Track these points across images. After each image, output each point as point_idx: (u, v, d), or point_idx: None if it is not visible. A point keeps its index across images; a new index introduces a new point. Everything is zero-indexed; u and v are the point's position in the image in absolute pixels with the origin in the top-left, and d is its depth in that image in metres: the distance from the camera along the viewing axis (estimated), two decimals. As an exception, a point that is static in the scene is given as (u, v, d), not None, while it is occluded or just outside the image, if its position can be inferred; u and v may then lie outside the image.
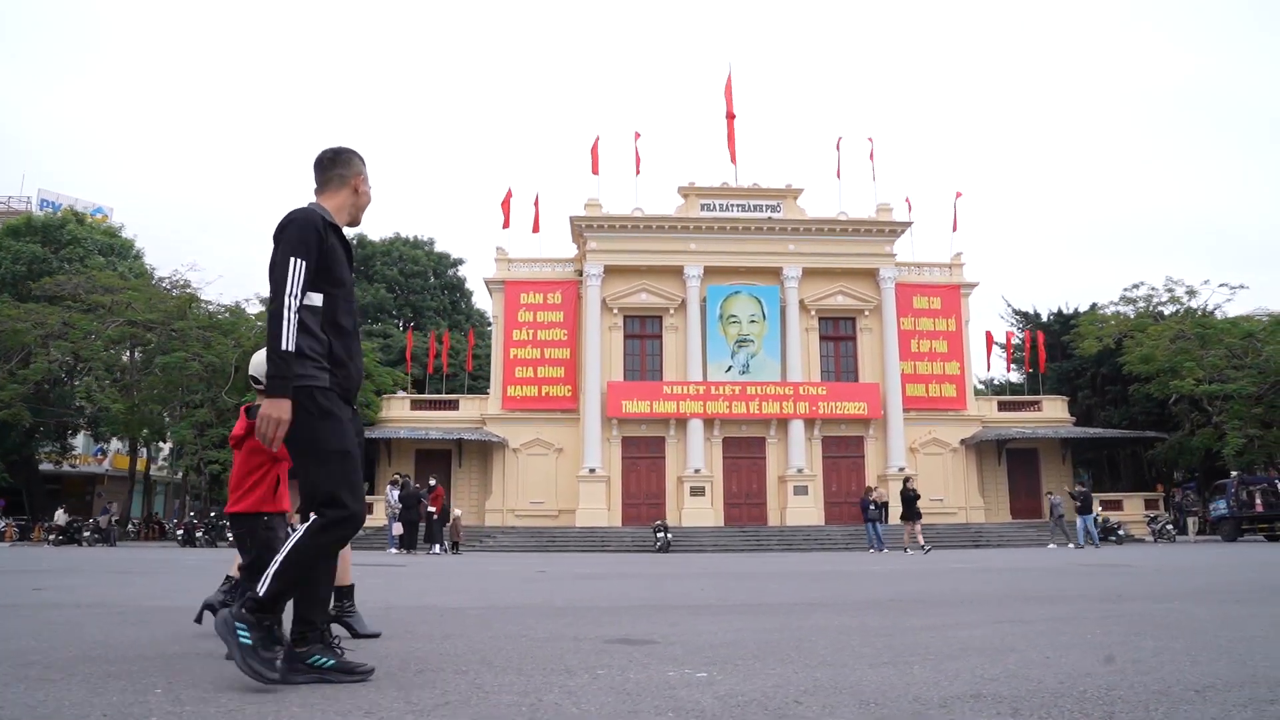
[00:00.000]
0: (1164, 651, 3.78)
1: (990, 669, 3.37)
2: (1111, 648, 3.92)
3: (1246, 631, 4.43)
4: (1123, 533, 30.11)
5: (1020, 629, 4.65)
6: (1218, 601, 6.21)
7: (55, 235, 39.55)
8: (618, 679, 3.18)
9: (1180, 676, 3.18)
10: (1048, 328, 45.25)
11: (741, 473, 35.71)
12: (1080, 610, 5.66)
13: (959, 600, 6.65)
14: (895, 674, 3.27)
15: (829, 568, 13.11)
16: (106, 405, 29.98)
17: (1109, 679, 3.15)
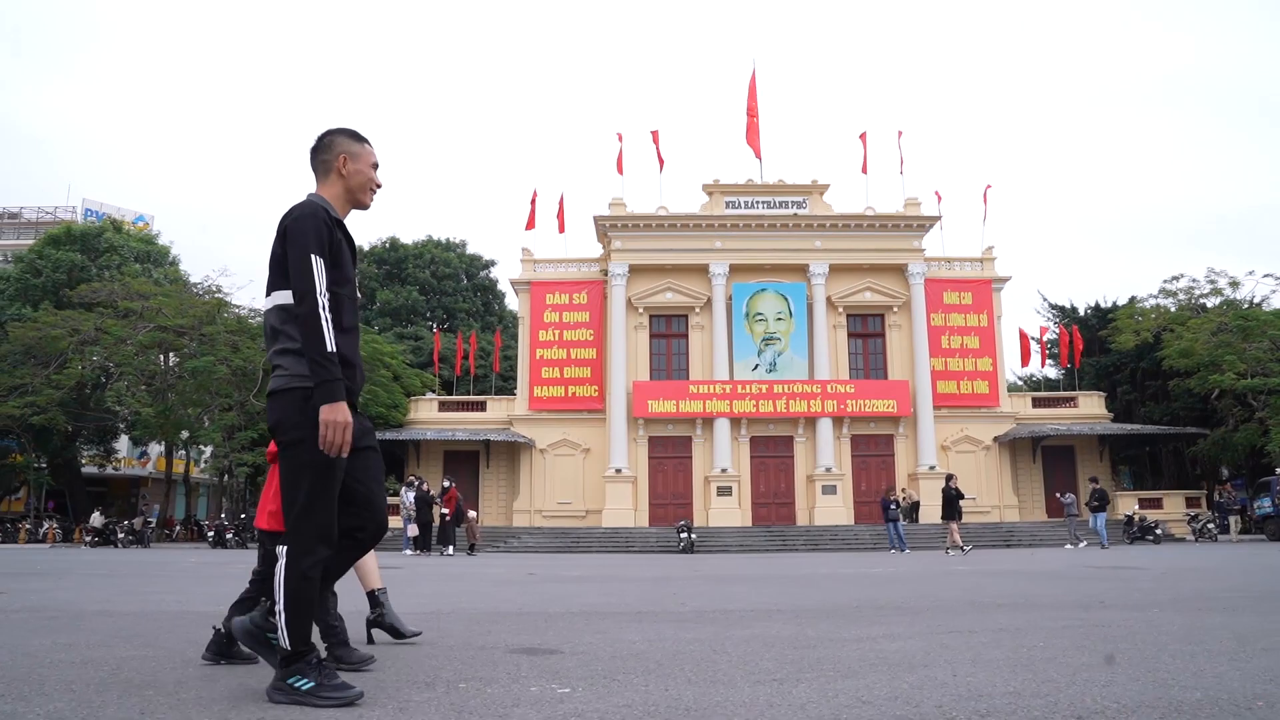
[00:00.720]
0: (1089, 669, 3.56)
1: (880, 688, 3.18)
2: (1038, 663, 3.70)
3: (1204, 645, 4.15)
4: (1160, 532, 29.23)
5: (956, 640, 4.42)
6: (1198, 610, 5.89)
7: (93, 243, 40.40)
8: (474, 693, 3.05)
9: (1079, 699, 2.97)
10: (1085, 322, 44.21)
11: (769, 472, 35.36)
12: (1041, 620, 5.39)
13: (921, 608, 6.40)
14: (770, 693, 3.08)
15: (834, 570, 12.85)
16: (137, 409, 30.51)
17: (1000, 701, 2.94)
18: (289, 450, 2.93)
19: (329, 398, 2.83)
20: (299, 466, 2.91)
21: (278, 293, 3.02)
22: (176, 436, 34.43)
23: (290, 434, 2.91)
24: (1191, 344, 33.90)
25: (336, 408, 2.83)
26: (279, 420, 2.94)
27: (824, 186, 36.82)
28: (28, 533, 36.08)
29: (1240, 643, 4.16)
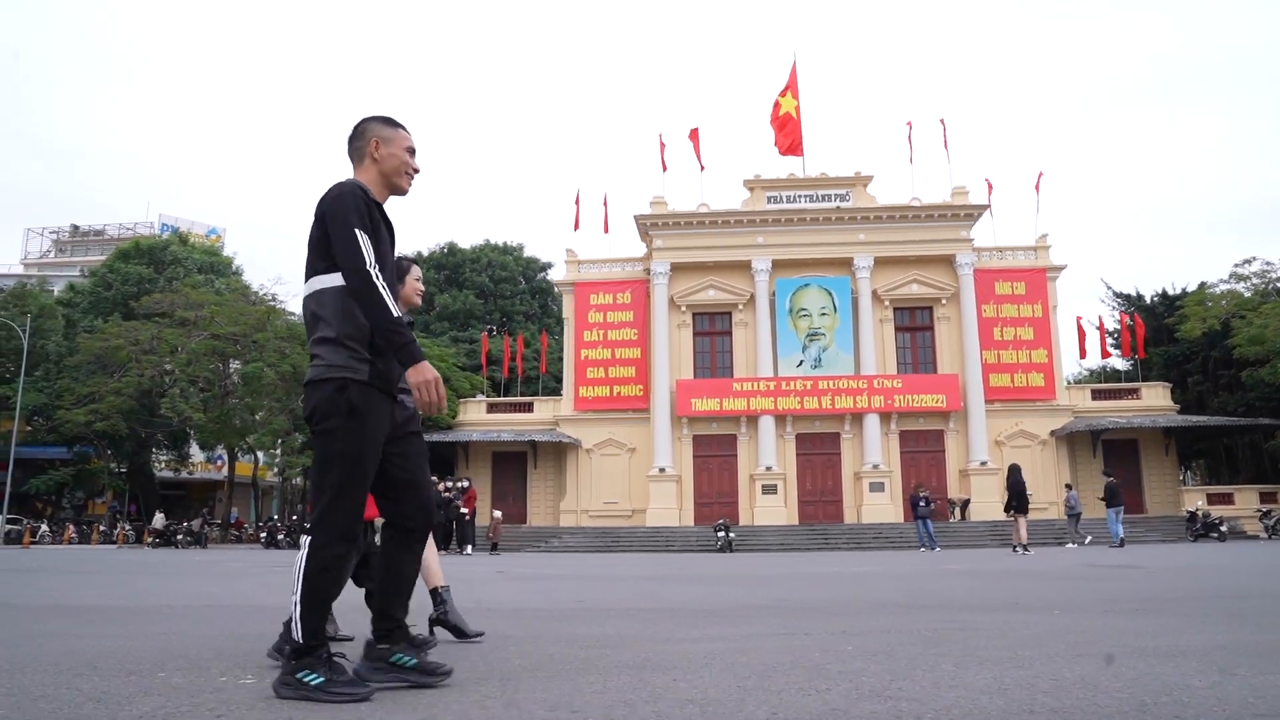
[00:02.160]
0: (875, 674, 3.40)
1: (619, 691, 3.09)
2: (831, 666, 3.55)
3: (1042, 650, 3.82)
4: (1225, 529, 27.83)
5: (797, 643, 4.27)
6: (1105, 613, 5.58)
7: (159, 257, 42.10)
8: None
9: (790, 707, 2.84)
10: (1152, 310, 42.41)
11: (816, 470, 34.87)
12: (911, 623, 5.18)
13: (808, 609, 6.23)
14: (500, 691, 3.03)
15: (844, 569, 12.63)
16: (190, 415, 31.77)
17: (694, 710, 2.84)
18: (321, 439, 2.91)
19: (410, 360, 2.83)
20: (330, 456, 2.88)
21: (316, 278, 2.98)
22: (234, 441, 35.66)
23: (324, 423, 2.88)
24: (1263, 331, 32.26)
25: (421, 368, 2.82)
26: (314, 409, 2.91)
27: (867, 178, 36.15)
28: (101, 534, 37.80)
29: (1076, 648, 3.92)
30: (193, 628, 5.06)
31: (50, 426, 40.56)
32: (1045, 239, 36.54)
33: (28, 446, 44.73)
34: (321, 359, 2.92)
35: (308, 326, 3.03)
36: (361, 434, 2.88)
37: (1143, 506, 34.95)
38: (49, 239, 67.74)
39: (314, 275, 2.98)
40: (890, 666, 3.36)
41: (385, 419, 2.96)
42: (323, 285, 2.95)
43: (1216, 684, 2.90)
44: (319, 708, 2.66)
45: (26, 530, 32.95)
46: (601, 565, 15.03)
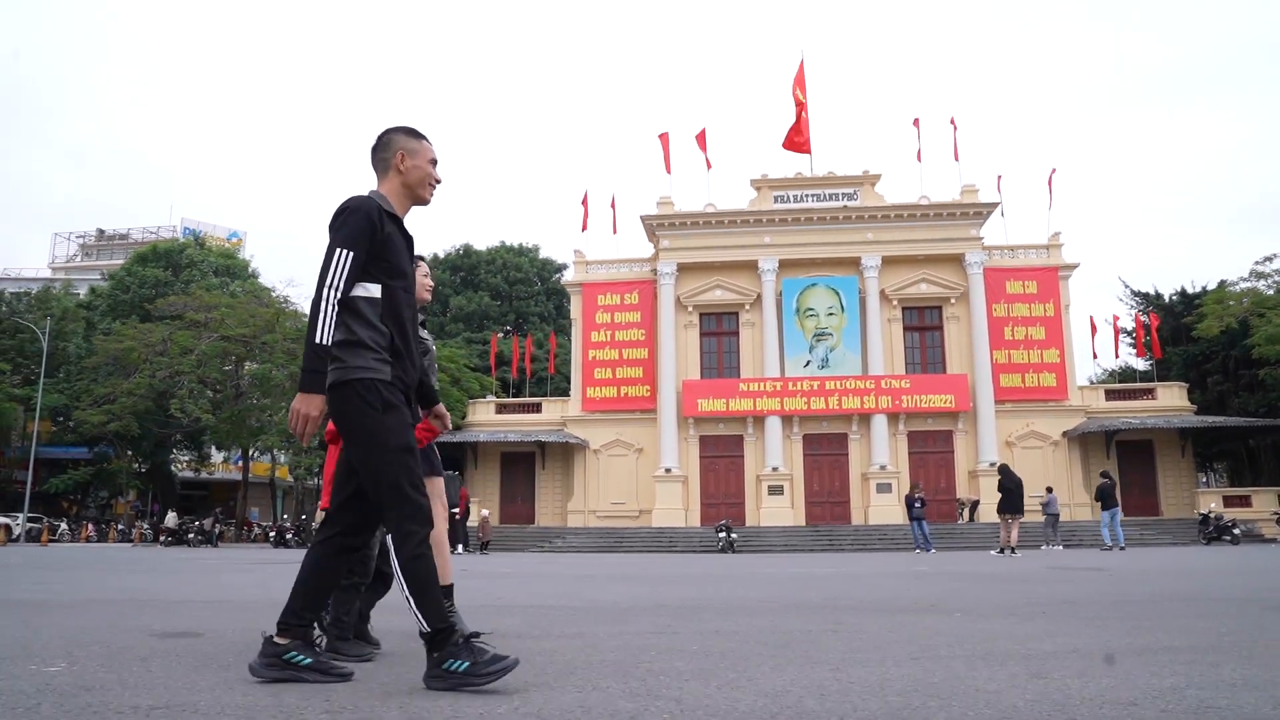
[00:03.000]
0: (665, 674, 3.36)
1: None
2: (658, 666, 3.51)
3: (888, 652, 3.75)
4: (1238, 531, 27.26)
5: (648, 641, 4.23)
6: (1003, 616, 5.45)
7: (176, 260, 42.66)
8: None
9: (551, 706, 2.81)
10: (1171, 309, 41.70)
11: (823, 470, 34.65)
12: (808, 623, 5.12)
13: (745, 609, 6.17)
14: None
15: (819, 570, 12.54)
16: (200, 416, 32.20)
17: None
18: (354, 440, 2.96)
19: (305, 387, 2.86)
20: (371, 453, 2.91)
21: None
22: (245, 442, 36.09)
23: (364, 419, 2.92)
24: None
25: (308, 399, 2.85)
26: (338, 414, 2.97)
27: (875, 177, 35.88)
28: (119, 533, 38.39)
29: (927, 650, 3.84)
30: (62, 619, 5.08)
31: (70, 427, 41.33)
32: (1058, 237, 36.07)
33: (51, 447, 45.62)
34: (344, 362, 2.95)
35: None
36: (404, 424, 2.97)
37: (1158, 509, 34.41)
38: (75, 243, 68.95)
39: None
40: (706, 666, 3.32)
41: (410, 418, 3.04)
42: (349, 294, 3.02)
43: (1014, 686, 2.83)
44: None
45: (44, 529, 33.53)
46: (581, 565, 15.02)
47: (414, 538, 2.87)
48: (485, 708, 2.52)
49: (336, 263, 2.92)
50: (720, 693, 2.81)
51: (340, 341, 2.95)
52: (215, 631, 4.50)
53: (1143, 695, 2.70)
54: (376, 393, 2.91)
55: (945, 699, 2.67)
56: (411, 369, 3.06)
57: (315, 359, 2.86)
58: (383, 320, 2.99)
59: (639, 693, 2.80)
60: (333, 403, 2.95)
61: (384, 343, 2.98)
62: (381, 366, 2.95)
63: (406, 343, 3.06)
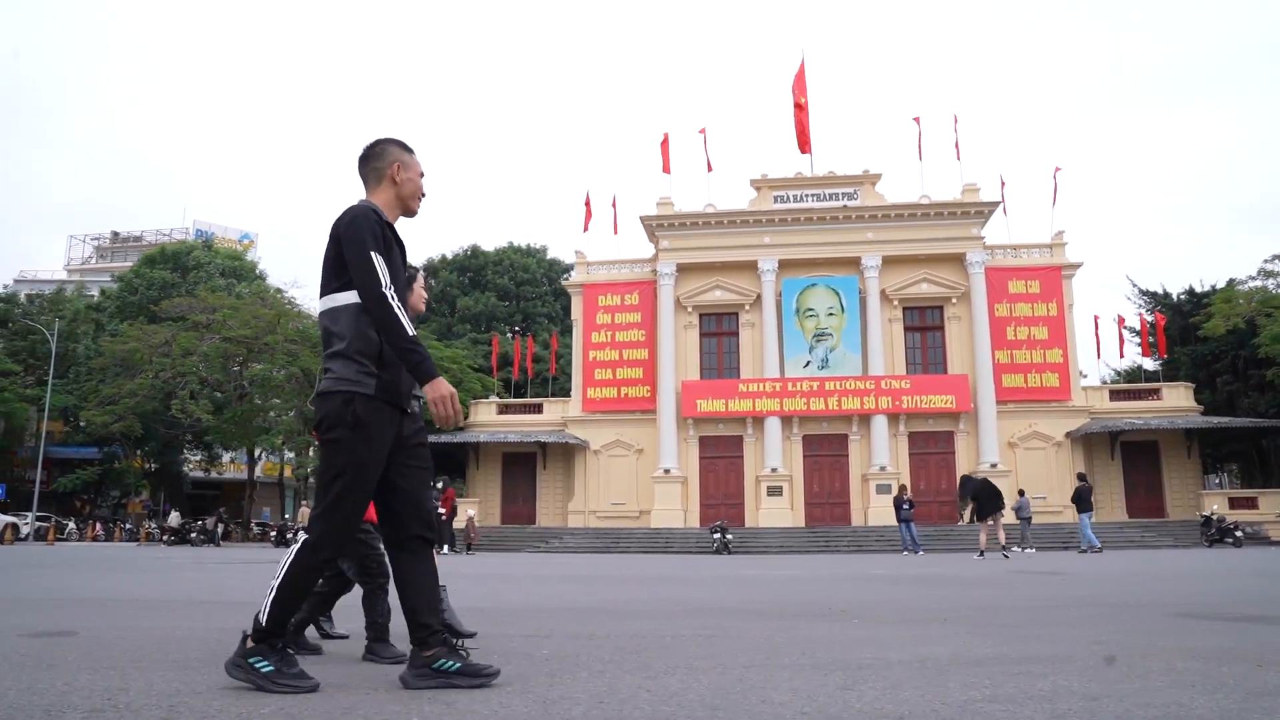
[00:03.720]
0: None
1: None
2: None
3: (718, 660, 3.78)
4: (1241, 534, 26.88)
5: (492, 645, 4.23)
6: (921, 622, 5.44)
7: (183, 262, 43.03)
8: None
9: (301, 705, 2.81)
10: (1179, 308, 41.22)
11: (823, 471, 34.49)
12: (678, 628, 5.12)
13: (639, 613, 6.17)
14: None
15: (786, 573, 12.50)
16: (201, 417, 32.48)
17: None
18: (328, 448, 3.05)
19: (426, 378, 2.96)
20: (334, 464, 3.01)
21: (330, 295, 3.12)
22: (247, 442, 36.36)
23: (330, 433, 3.01)
24: (1284, 329, 31.18)
25: (436, 384, 2.95)
26: (322, 419, 3.05)
27: (875, 176, 35.69)
28: (126, 531, 38.78)
29: (769, 657, 3.83)
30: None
31: (80, 427, 41.80)
32: (1061, 236, 35.72)
33: (62, 447, 46.19)
34: (332, 373, 3.05)
35: (323, 341, 3.18)
36: (366, 446, 2.99)
37: (1164, 510, 34.02)
38: (90, 245, 69.70)
39: (329, 293, 3.13)
40: (525, 671, 3.31)
41: (390, 431, 3.06)
42: (337, 303, 3.09)
43: (807, 697, 2.81)
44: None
45: (51, 528, 33.91)
46: (559, 565, 15.02)
47: (318, 555, 2.99)
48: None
49: (379, 266, 3.00)
50: (500, 697, 2.80)
51: (332, 353, 3.06)
52: (91, 630, 4.54)
53: (923, 708, 2.67)
54: (352, 408, 2.98)
55: (717, 709, 2.65)
56: (405, 376, 3.10)
57: (415, 352, 2.95)
58: (375, 330, 3.04)
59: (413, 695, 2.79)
60: (317, 410, 3.10)
61: (372, 352, 3.03)
62: (365, 379, 3.01)
63: None
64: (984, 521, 20.15)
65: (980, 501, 19.93)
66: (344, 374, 3.00)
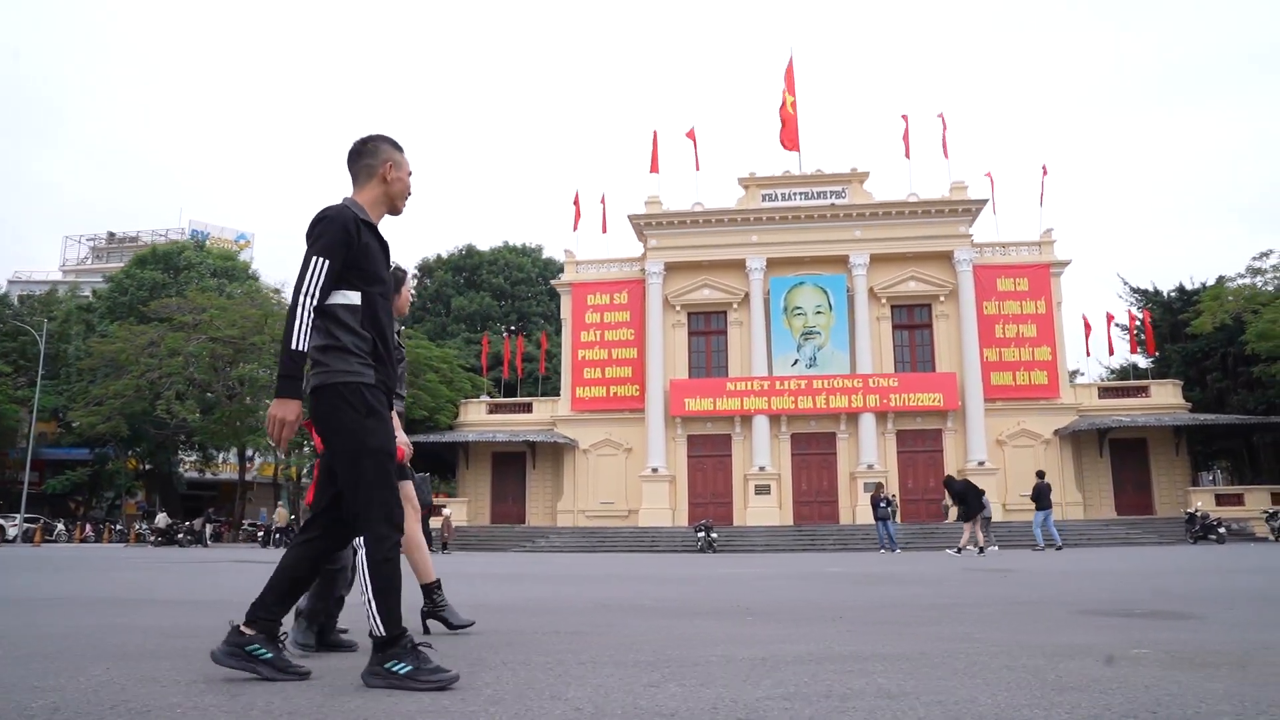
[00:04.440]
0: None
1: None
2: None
3: (576, 658, 3.78)
4: (1224, 530, 26.79)
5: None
6: (821, 622, 5.41)
7: (174, 262, 43.08)
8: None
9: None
10: (1169, 305, 41.09)
11: (811, 470, 34.45)
12: (575, 623, 5.11)
13: (566, 609, 6.17)
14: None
15: (742, 571, 12.46)
16: (186, 418, 32.51)
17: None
18: (345, 439, 3.01)
19: (282, 393, 2.94)
20: (360, 454, 2.98)
21: None
22: (234, 443, 36.39)
23: (345, 424, 2.99)
24: (1271, 326, 31.07)
25: (285, 404, 2.92)
26: (320, 416, 3.04)
27: (863, 175, 35.63)
28: (115, 533, 38.86)
29: (621, 652, 3.81)
30: None
31: (69, 428, 41.88)
32: (1050, 233, 35.65)
33: (53, 448, 46.30)
34: (327, 366, 3.02)
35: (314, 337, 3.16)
36: (385, 429, 3.03)
37: (1152, 508, 33.94)
38: (86, 246, 69.85)
39: None
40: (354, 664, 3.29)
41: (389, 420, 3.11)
42: (330, 301, 3.09)
43: (600, 689, 2.79)
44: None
45: (38, 529, 33.99)
46: (533, 565, 15.02)
47: (386, 542, 2.95)
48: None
49: (312, 271, 2.99)
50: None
51: (324, 347, 3.03)
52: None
53: (700, 706, 2.64)
54: (360, 396, 2.98)
55: (499, 702, 2.64)
56: (392, 374, 3.16)
57: (291, 365, 2.93)
58: (363, 326, 3.06)
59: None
60: (316, 406, 3.05)
61: (366, 348, 3.05)
62: (366, 370, 3.03)
63: (387, 348, 3.14)
64: (969, 521, 20.37)
65: (969, 502, 20.16)
66: (341, 366, 3.00)
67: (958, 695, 2.78)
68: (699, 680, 3.10)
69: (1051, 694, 2.79)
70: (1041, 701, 2.66)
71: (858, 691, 2.88)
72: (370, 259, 3.10)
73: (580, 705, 2.65)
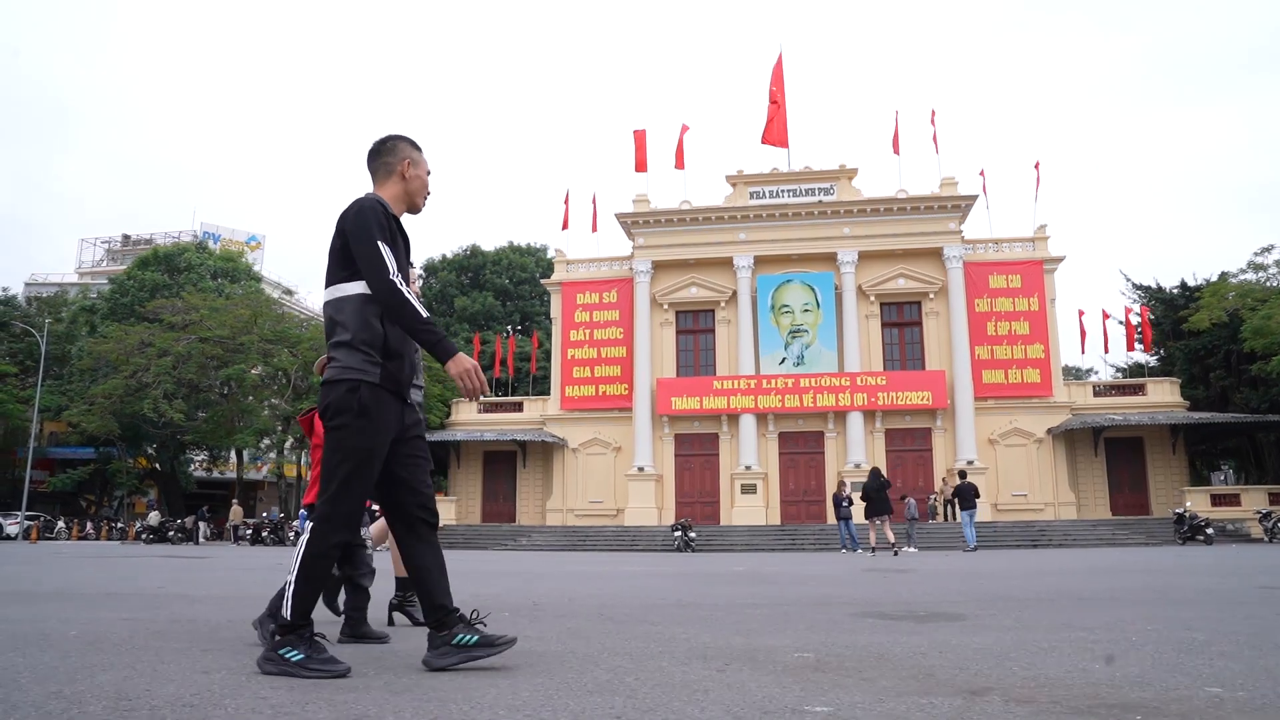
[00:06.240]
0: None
1: None
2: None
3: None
4: (1212, 531, 26.21)
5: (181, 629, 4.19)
6: (669, 623, 5.34)
7: (175, 263, 43.59)
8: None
9: None
10: (1171, 301, 40.36)
11: (799, 469, 34.20)
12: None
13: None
14: None
15: (680, 570, 12.36)
16: (173, 417, 32.82)
17: None
18: (334, 434, 3.09)
19: (446, 355, 3.00)
20: (341, 450, 3.06)
21: (336, 285, 3.17)
22: (225, 442, 36.73)
23: (336, 419, 3.07)
24: (1266, 323, 30.43)
25: (458, 360, 3.00)
26: (327, 406, 3.10)
27: (852, 171, 35.32)
28: (115, 530, 39.38)
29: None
30: None
31: (74, 427, 42.49)
32: (1043, 229, 35.14)
33: (59, 448, 47.02)
34: (338, 361, 3.11)
35: (327, 331, 3.24)
36: (372, 432, 3.06)
37: (1147, 507, 33.38)
38: (101, 249, 70.87)
39: (335, 283, 3.19)
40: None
41: (394, 419, 3.13)
42: (342, 293, 3.15)
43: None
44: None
45: (35, 527, 34.50)
46: (501, 563, 14.99)
47: (330, 540, 3.03)
48: None
49: (386, 256, 3.06)
50: None
51: (336, 342, 3.11)
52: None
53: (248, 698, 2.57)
54: (357, 395, 3.03)
55: (122, 699, 2.58)
56: (407, 366, 3.18)
57: (432, 332, 3.01)
58: (380, 319, 3.10)
59: None
60: (322, 395, 3.15)
61: (377, 343, 3.09)
62: (370, 368, 3.06)
63: (404, 341, 3.16)
64: (872, 520, 20.19)
65: (870, 500, 19.99)
66: (349, 362, 3.06)
67: (520, 695, 2.70)
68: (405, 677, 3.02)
69: (673, 693, 2.70)
70: (629, 707, 2.57)
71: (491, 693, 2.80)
72: (396, 251, 3.15)
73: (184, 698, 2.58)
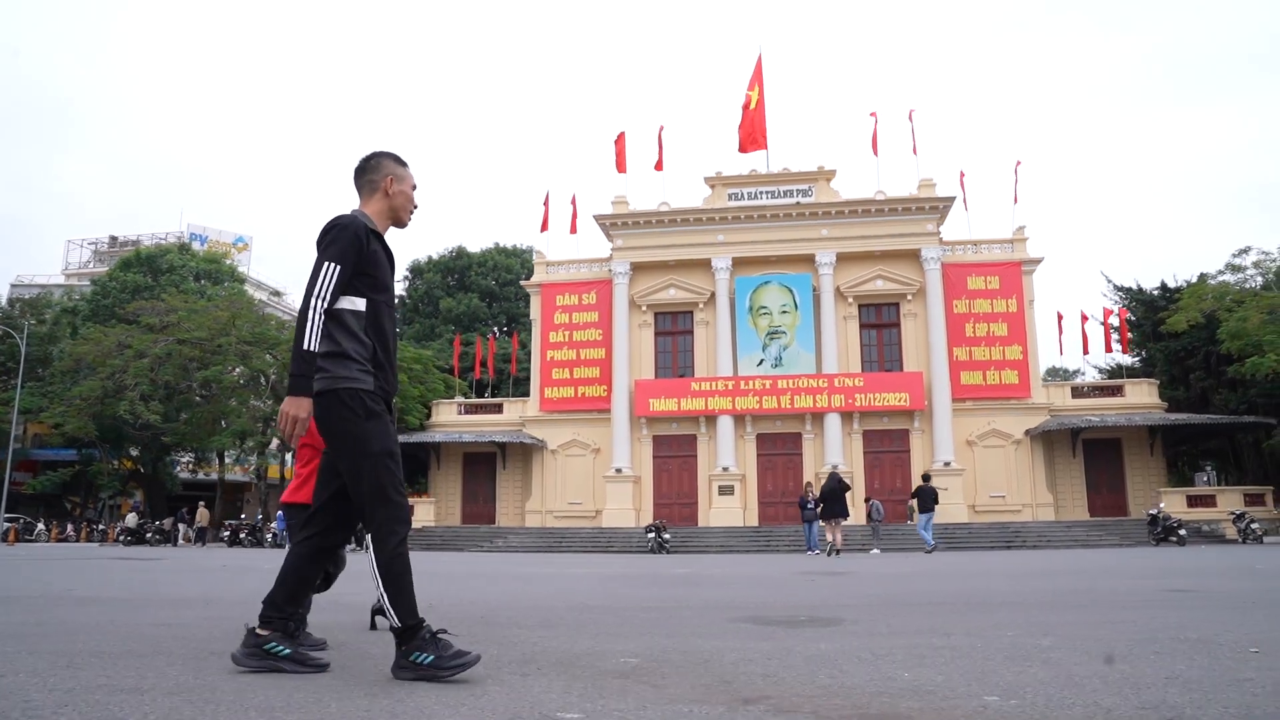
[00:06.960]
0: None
1: None
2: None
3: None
4: (1184, 533, 26.23)
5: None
6: (464, 621, 5.31)
7: (157, 264, 43.48)
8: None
9: None
10: (1152, 303, 40.41)
11: (777, 470, 34.16)
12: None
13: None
14: None
15: (631, 570, 12.32)
16: (149, 419, 32.71)
17: None
18: (347, 443, 3.11)
19: (294, 391, 3.04)
20: (356, 458, 3.09)
21: None
22: (204, 444, 36.63)
23: (346, 429, 3.10)
24: (1242, 325, 30.45)
25: (297, 402, 3.02)
26: (321, 420, 3.13)
27: (830, 173, 35.30)
28: (95, 532, 39.26)
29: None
30: None
31: (57, 430, 42.36)
32: (1022, 231, 35.15)
33: (41, 449, 46.89)
34: (328, 371, 3.12)
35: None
36: (386, 431, 3.15)
37: (1125, 509, 33.37)
38: (88, 249, 70.71)
39: None
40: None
41: (391, 426, 3.21)
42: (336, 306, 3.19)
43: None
44: None
45: (12, 529, 34.37)
46: (463, 565, 14.94)
47: (394, 537, 3.07)
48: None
49: (325, 275, 3.10)
50: None
51: (326, 353, 3.13)
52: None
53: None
54: (360, 401, 3.09)
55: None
56: (392, 379, 3.26)
57: (303, 364, 3.03)
58: (366, 333, 3.17)
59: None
60: (319, 410, 3.13)
61: (367, 354, 3.16)
62: (364, 377, 3.13)
63: (388, 355, 3.25)
64: (827, 521, 20.27)
65: (826, 502, 20.10)
66: (342, 372, 3.10)
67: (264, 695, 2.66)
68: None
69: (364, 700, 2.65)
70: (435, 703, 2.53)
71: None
72: (377, 267, 3.22)
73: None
